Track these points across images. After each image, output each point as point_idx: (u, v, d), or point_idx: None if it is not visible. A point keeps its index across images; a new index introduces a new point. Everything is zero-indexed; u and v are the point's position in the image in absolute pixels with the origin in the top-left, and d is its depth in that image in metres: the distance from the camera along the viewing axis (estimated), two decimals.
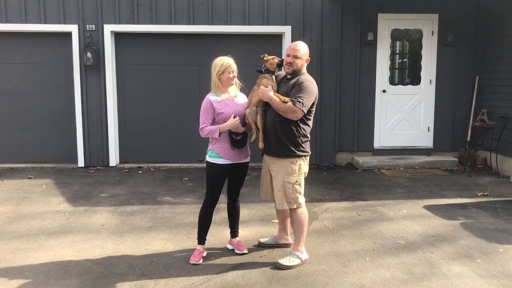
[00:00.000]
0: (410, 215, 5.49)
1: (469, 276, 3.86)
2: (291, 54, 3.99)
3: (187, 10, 8.11)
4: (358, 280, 3.78)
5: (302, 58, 4.01)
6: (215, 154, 4.07)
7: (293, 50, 4.00)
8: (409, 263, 4.12)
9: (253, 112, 4.03)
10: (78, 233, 4.87)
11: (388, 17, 8.39)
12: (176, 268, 4.01)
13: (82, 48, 8.04)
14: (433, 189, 6.71)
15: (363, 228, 5.02)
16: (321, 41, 8.25)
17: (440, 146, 8.67)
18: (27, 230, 4.96)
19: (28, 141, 8.38)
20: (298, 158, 4.00)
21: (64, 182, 7.16)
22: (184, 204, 5.94)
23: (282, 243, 4.48)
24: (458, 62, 8.51)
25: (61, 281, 3.75)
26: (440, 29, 8.42)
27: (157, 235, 4.81)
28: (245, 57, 7.62)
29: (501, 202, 6.08)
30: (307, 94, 3.87)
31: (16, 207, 5.82)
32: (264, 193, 4.33)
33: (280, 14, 8.19)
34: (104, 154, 8.33)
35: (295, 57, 3.98)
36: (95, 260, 4.17)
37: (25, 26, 8.01)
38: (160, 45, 8.38)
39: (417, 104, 8.62)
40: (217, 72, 4.05)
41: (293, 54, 3.98)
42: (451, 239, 4.68)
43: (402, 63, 8.97)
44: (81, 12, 8.03)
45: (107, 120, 8.26)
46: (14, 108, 8.32)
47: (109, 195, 6.38)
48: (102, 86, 8.20)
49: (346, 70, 8.37)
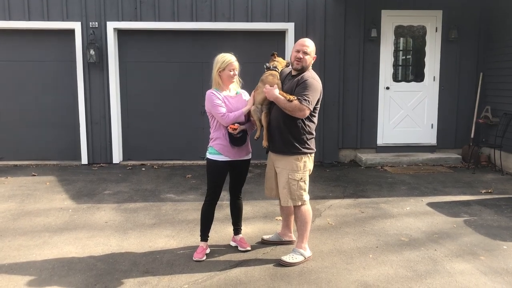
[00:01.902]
0: (413, 212, 5.48)
1: (472, 273, 3.85)
2: (301, 50, 3.97)
3: (190, 7, 8.11)
4: (361, 277, 3.78)
5: (311, 55, 4.00)
6: (215, 151, 4.06)
7: (303, 46, 3.98)
8: (413, 260, 4.11)
9: (257, 109, 4.02)
10: (82, 230, 4.88)
11: (391, 14, 8.35)
12: (179, 265, 4.02)
13: (85, 45, 8.05)
14: (436, 186, 6.70)
15: (366, 225, 5.02)
16: (324, 38, 8.23)
17: (444, 143, 8.64)
18: (31, 227, 4.98)
19: (32, 139, 8.40)
20: (303, 155, 4.00)
21: (67, 179, 7.18)
22: (187, 201, 5.95)
23: (285, 240, 4.48)
24: (462, 59, 8.47)
25: (65, 278, 3.76)
26: (444, 26, 8.38)
27: (160, 232, 4.82)
28: (248, 53, 7.65)
29: (505, 199, 6.06)
30: (312, 91, 3.86)
31: (20, 204, 5.84)
32: (268, 190, 4.33)
33: (283, 11, 8.17)
34: (108, 151, 8.34)
35: (305, 53, 3.96)
36: (98, 257, 4.19)
37: (28, 24, 8.02)
38: (163, 42, 8.38)
39: (420, 101, 8.60)
40: (217, 68, 4.04)
41: (303, 50, 3.96)
42: (455, 236, 4.67)
43: (405, 60, 8.94)
44: (84, 9, 8.03)
45: (110, 117, 8.27)
46: (18, 106, 8.34)
47: (112, 192, 6.40)
48: (105, 83, 8.21)
49: (349, 67, 8.35)
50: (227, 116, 3.94)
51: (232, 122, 3.94)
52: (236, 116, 3.95)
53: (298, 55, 3.96)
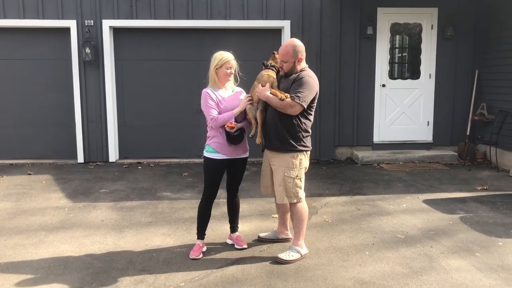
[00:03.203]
0: (409, 209, 5.49)
1: (468, 270, 3.86)
2: (279, 59, 4.03)
3: (186, 4, 8.09)
4: (358, 274, 3.79)
5: (290, 61, 3.98)
6: (212, 149, 4.06)
7: (280, 55, 4.01)
8: (409, 257, 4.13)
9: (253, 107, 4.03)
10: (78, 228, 4.88)
11: (387, 11, 8.36)
12: (176, 263, 4.02)
13: (80, 44, 8.02)
14: (432, 183, 6.72)
15: (362, 223, 5.03)
16: (320, 35, 8.23)
17: (440, 140, 8.67)
18: (27, 226, 4.97)
19: (27, 137, 8.38)
20: (299, 152, 4.00)
21: (63, 178, 7.16)
22: (184, 200, 5.94)
23: (281, 237, 4.49)
24: (457, 56, 8.49)
25: (61, 277, 3.76)
26: (440, 23, 8.40)
27: (157, 230, 4.82)
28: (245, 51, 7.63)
29: (500, 196, 6.08)
30: (307, 89, 3.87)
31: (16, 203, 5.83)
32: (264, 187, 4.34)
33: (279, 8, 8.16)
34: (104, 150, 8.33)
35: (283, 62, 4.00)
36: (95, 255, 4.18)
37: (23, 22, 7.98)
38: (159, 40, 8.36)
39: (416, 99, 8.61)
40: (215, 65, 4.04)
41: (281, 59, 4.01)
42: (451, 233, 4.69)
43: (401, 57, 8.95)
44: (80, 8, 8.00)
45: (106, 115, 8.25)
46: (13, 104, 8.31)
47: (108, 191, 6.39)
48: (101, 82, 8.18)
49: (345, 65, 8.36)
50: (215, 120, 3.96)
51: (221, 124, 3.96)
52: (225, 119, 3.95)
53: (280, 64, 4.04)
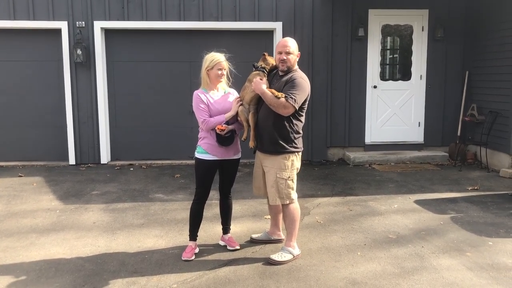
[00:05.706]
0: (401, 210, 5.53)
1: (458, 269, 3.90)
2: (283, 51, 4.00)
3: (178, 6, 8.08)
4: (350, 274, 3.81)
5: (294, 53, 4.03)
6: (202, 150, 4.07)
7: (284, 47, 4.00)
8: (400, 257, 4.16)
9: (245, 109, 4.03)
10: (70, 230, 4.85)
11: (378, 13, 8.41)
12: (168, 264, 4.01)
13: (72, 45, 7.98)
14: (423, 184, 6.77)
15: (354, 223, 5.05)
16: (312, 37, 8.26)
17: (431, 141, 8.73)
18: (18, 228, 4.93)
19: (18, 139, 8.31)
20: (290, 154, 4.02)
21: (55, 180, 7.12)
22: (176, 201, 5.93)
23: (274, 238, 4.50)
24: (448, 58, 8.56)
25: (52, 279, 3.74)
26: (431, 25, 8.46)
27: (149, 232, 4.81)
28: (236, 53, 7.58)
29: (491, 196, 6.14)
30: (299, 90, 3.89)
31: (7, 205, 5.78)
32: (256, 188, 4.34)
33: (271, 10, 8.18)
34: (95, 152, 8.28)
35: (288, 53, 3.99)
36: (86, 257, 4.16)
37: (14, 23, 7.92)
38: (151, 41, 8.33)
39: (407, 100, 8.67)
40: (206, 67, 4.04)
41: (285, 51, 3.99)
42: (442, 233, 4.73)
43: (392, 58, 9.01)
44: (71, 9, 7.96)
45: (98, 117, 8.21)
46: (3, 106, 8.23)
47: (100, 193, 6.36)
48: (93, 83, 8.14)
49: (337, 66, 8.39)
50: (206, 123, 3.98)
51: (212, 127, 3.98)
52: (216, 122, 3.96)
53: (282, 57, 4.00)
